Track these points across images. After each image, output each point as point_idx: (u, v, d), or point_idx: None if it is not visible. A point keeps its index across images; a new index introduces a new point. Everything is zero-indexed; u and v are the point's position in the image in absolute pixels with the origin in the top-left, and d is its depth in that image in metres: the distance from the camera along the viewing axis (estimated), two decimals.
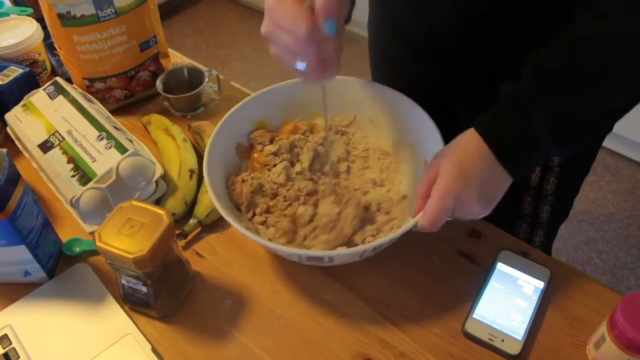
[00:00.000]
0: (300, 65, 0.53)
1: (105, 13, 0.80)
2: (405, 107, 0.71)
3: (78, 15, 0.78)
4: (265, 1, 0.53)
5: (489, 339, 0.59)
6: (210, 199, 0.63)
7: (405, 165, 0.74)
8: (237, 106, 0.72)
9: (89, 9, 0.78)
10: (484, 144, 0.57)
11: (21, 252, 0.62)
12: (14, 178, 0.60)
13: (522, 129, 0.56)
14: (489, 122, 0.58)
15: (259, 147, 0.74)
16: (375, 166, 0.75)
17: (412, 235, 0.59)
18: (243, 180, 0.70)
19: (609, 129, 0.79)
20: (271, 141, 0.74)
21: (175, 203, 0.73)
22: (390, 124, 0.75)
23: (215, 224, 0.73)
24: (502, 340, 0.59)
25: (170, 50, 0.96)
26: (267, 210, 0.69)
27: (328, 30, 0.51)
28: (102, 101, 0.86)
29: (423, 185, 0.59)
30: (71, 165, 0.72)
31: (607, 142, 0.91)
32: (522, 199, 0.80)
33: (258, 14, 2.76)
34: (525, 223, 0.82)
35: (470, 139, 0.58)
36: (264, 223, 0.69)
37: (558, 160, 0.75)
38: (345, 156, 0.76)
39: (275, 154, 0.73)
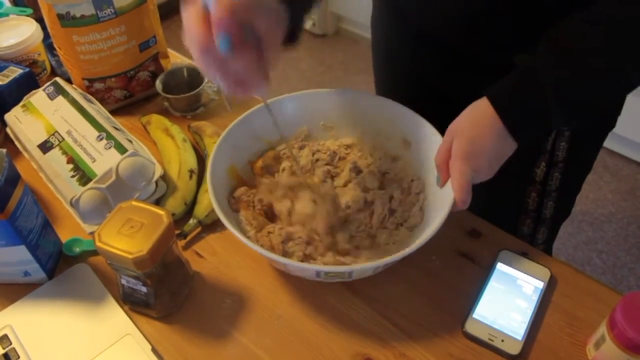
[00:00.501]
0: (214, 79, 0.51)
1: (105, 13, 0.80)
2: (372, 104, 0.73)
3: (78, 15, 0.78)
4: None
5: (489, 339, 0.59)
6: (210, 199, 0.63)
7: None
8: (212, 155, 0.68)
9: (88, 10, 0.78)
10: (496, 115, 0.58)
11: (21, 253, 0.62)
12: (14, 178, 0.60)
13: (536, 106, 0.58)
14: (504, 95, 0.59)
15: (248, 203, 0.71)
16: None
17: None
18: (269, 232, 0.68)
19: (610, 126, 0.80)
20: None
21: (175, 203, 0.73)
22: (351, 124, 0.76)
23: (215, 224, 0.72)
24: (502, 340, 0.59)
25: (169, 50, 0.96)
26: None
27: (220, 48, 0.47)
28: (102, 101, 0.86)
29: (440, 154, 0.62)
30: (71, 166, 0.72)
31: (607, 142, 0.91)
32: (527, 194, 0.81)
33: None
34: (529, 219, 0.82)
35: (483, 110, 0.59)
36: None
37: (563, 155, 0.76)
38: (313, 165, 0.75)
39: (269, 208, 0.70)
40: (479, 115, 0.60)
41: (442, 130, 0.65)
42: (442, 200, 0.61)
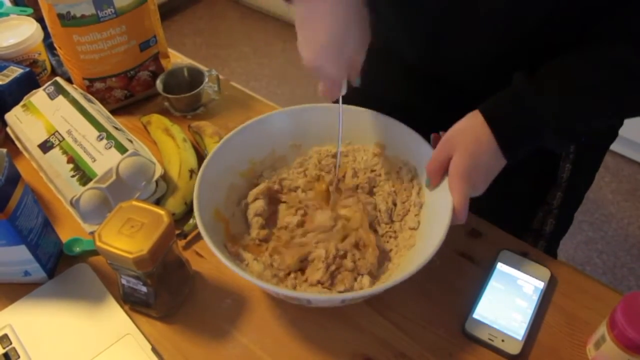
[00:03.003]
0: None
1: (105, 13, 0.80)
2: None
3: (78, 15, 0.78)
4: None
5: (489, 339, 0.59)
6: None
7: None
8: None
9: (88, 9, 0.78)
10: (491, 134, 0.59)
11: (21, 252, 0.62)
12: (14, 178, 0.60)
13: (533, 133, 0.59)
14: (503, 118, 0.59)
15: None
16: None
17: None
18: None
19: (612, 138, 0.81)
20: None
21: (175, 203, 0.73)
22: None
23: None
24: (502, 340, 0.59)
25: (170, 50, 0.96)
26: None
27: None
28: (102, 101, 0.86)
29: (434, 163, 0.62)
30: (71, 165, 0.72)
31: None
32: (534, 214, 0.82)
33: (258, 14, 2.76)
34: (530, 237, 0.83)
35: (480, 127, 0.60)
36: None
37: (567, 175, 0.78)
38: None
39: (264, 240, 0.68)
40: (478, 131, 0.60)
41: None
42: (439, 202, 0.62)
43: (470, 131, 0.60)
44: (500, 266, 0.66)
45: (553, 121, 0.57)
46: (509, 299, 0.63)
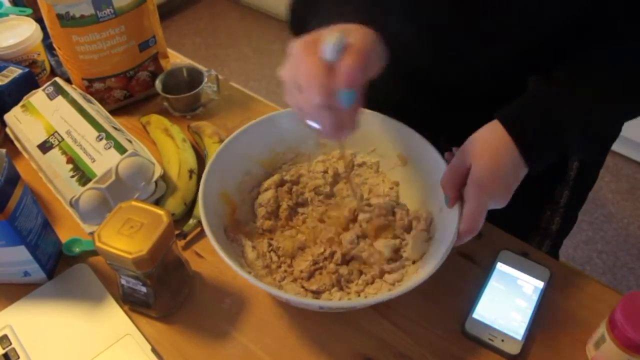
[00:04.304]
0: (313, 125, 0.50)
1: (105, 13, 0.80)
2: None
3: (77, 15, 0.78)
4: (290, 45, 0.49)
5: (489, 339, 0.59)
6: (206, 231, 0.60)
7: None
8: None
9: (88, 10, 0.78)
10: (512, 142, 0.56)
11: (21, 253, 0.62)
12: (14, 178, 0.60)
13: (553, 134, 0.56)
14: (523, 125, 0.57)
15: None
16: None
17: None
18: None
19: (617, 135, 0.81)
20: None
21: (175, 203, 0.73)
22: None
23: None
24: (502, 340, 0.59)
25: (169, 50, 0.96)
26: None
27: (344, 103, 0.46)
28: (102, 101, 0.86)
29: (449, 176, 0.59)
30: (70, 166, 0.72)
31: None
32: (542, 212, 0.81)
33: (258, 14, 2.76)
34: (538, 236, 0.82)
35: (499, 136, 0.57)
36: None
37: (574, 174, 0.77)
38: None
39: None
40: (497, 139, 0.57)
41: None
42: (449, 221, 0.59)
43: (489, 140, 0.57)
44: (500, 266, 0.66)
45: (580, 126, 0.55)
46: (509, 299, 0.63)
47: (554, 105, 0.56)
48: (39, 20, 0.87)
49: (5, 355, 0.60)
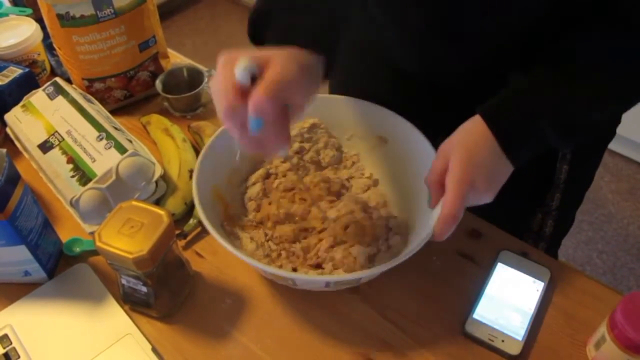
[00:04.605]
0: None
1: (105, 13, 0.80)
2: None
3: (77, 15, 0.78)
4: (219, 57, 0.51)
5: (489, 339, 0.59)
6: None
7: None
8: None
9: (88, 10, 0.78)
10: (490, 134, 0.57)
11: (21, 252, 0.62)
12: (14, 178, 0.60)
13: (532, 127, 0.57)
14: (500, 116, 0.58)
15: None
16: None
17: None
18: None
19: (611, 137, 0.81)
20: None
21: (175, 203, 0.73)
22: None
23: None
24: (502, 341, 0.59)
25: (169, 50, 0.96)
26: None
27: (252, 128, 0.48)
28: (102, 101, 0.86)
29: (434, 173, 0.59)
30: (71, 166, 0.72)
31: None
32: (534, 216, 0.81)
33: None
34: (531, 239, 0.82)
35: (479, 129, 0.58)
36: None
37: (564, 177, 0.77)
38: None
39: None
40: (476, 132, 0.58)
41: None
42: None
43: (468, 133, 0.58)
44: (500, 266, 0.66)
45: (550, 116, 0.56)
46: (509, 299, 0.63)
47: (529, 96, 0.57)
48: (39, 20, 0.87)
49: (6, 355, 0.60)
